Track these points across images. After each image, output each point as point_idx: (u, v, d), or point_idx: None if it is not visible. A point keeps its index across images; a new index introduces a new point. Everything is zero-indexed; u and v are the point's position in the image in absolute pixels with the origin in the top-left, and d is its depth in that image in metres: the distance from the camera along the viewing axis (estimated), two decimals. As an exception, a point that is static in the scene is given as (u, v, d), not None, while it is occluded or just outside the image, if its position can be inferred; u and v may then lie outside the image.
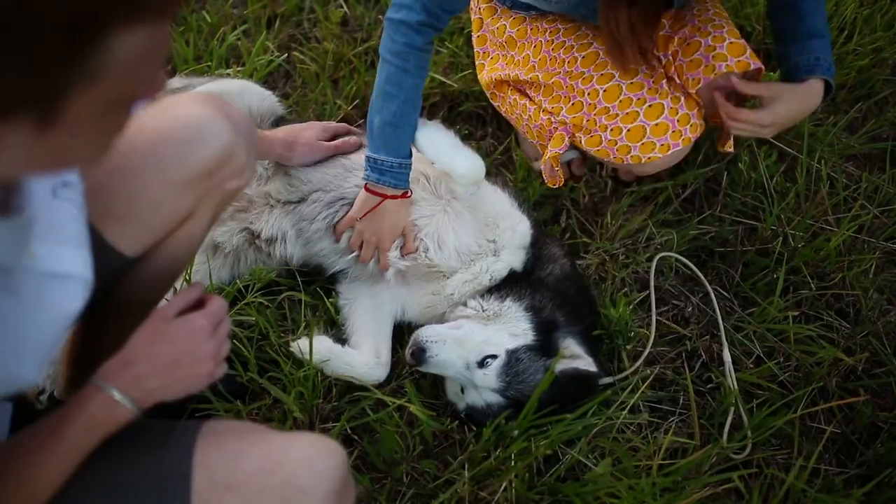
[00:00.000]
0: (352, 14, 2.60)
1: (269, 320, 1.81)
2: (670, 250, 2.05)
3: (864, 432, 1.82)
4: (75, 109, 0.66)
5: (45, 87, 0.63)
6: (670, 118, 1.79)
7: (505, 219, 1.84)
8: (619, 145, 1.82)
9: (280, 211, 1.86)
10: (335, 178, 1.85)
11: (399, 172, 1.74)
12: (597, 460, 1.66)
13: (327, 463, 1.06)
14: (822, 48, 1.76)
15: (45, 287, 0.92)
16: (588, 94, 1.82)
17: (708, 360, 1.92)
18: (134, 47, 0.66)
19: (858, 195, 2.22)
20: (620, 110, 1.79)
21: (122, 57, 0.65)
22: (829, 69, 1.75)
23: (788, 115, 1.77)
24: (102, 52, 0.63)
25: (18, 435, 1.00)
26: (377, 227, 1.78)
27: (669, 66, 1.86)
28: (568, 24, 1.88)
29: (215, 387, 1.64)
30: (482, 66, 2.08)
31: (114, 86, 0.67)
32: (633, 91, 1.78)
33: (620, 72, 1.79)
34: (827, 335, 1.95)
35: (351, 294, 1.89)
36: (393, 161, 1.73)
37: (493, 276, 1.79)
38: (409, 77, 1.72)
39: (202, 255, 1.83)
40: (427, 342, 1.63)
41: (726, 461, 1.70)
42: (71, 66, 0.62)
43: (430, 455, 1.69)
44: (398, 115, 1.73)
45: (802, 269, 2.04)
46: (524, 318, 1.72)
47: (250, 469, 1.03)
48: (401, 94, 1.72)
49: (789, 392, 1.84)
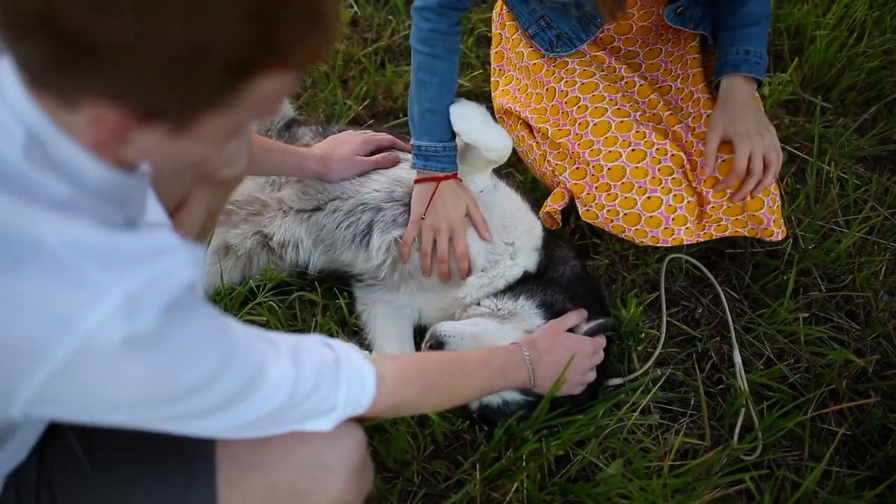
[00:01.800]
0: (362, 14, 2.60)
1: (280, 320, 1.81)
2: (680, 251, 2.05)
3: (875, 434, 1.82)
4: (206, 126, 0.79)
5: (191, 105, 0.76)
6: (666, 215, 1.78)
7: (521, 221, 1.83)
8: (614, 223, 1.82)
9: (294, 218, 1.85)
10: (352, 184, 1.83)
11: (444, 156, 1.76)
12: (608, 461, 1.66)
13: (349, 440, 1.09)
14: (756, 37, 1.75)
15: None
16: (593, 166, 1.81)
17: (718, 361, 1.92)
18: (272, 88, 0.78)
19: (869, 197, 2.22)
20: (621, 192, 1.78)
21: (260, 94, 0.77)
22: (757, 63, 1.74)
23: (729, 125, 1.73)
24: (246, 89, 0.75)
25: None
26: (444, 212, 1.76)
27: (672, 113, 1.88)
28: (585, 79, 1.87)
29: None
30: (496, 83, 2.08)
31: (245, 114, 0.80)
32: (635, 177, 1.77)
33: (628, 152, 1.78)
34: (837, 337, 1.95)
35: (368, 299, 1.89)
36: (437, 146, 1.76)
37: (508, 279, 1.79)
38: (439, 62, 1.74)
39: (213, 256, 1.83)
40: (446, 336, 1.62)
41: (737, 462, 1.70)
42: (218, 95, 0.75)
43: (441, 455, 1.69)
44: (434, 101, 1.75)
45: (812, 271, 2.04)
46: (537, 315, 1.71)
47: (273, 448, 1.05)
48: (433, 79, 1.75)
49: (800, 393, 1.84)
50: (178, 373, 0.83)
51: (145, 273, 0.79)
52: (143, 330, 0.77)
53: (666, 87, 1.95)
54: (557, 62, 1.90)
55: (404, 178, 1.84)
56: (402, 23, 2.56)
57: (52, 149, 0.77)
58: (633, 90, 1.90)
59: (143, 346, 0.78)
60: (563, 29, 1.86)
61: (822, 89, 2.45)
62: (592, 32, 1.85)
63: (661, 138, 1.79)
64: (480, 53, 2.49)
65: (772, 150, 1.72)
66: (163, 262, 0.81)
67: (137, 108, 0.74)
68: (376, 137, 1.90)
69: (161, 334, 0.79)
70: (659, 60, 1.94)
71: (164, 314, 0.79)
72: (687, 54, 1.92)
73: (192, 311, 0.84)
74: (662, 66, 1.95)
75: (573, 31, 1.86)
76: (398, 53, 2.54)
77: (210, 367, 0.86)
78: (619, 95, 1.85)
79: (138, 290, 0.77)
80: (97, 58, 0.68)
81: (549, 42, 1.89)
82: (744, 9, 1.76)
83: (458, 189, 1.78)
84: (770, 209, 1.82)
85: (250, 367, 0.92)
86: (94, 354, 0.76)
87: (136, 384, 0.80)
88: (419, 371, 1.24)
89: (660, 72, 1.95)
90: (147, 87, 0.72)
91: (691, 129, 1.86)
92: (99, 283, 0.76)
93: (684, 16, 1.83)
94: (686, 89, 1.92)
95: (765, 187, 1.76)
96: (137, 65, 0.69)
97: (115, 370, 0.78)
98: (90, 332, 0.75)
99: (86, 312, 0.75)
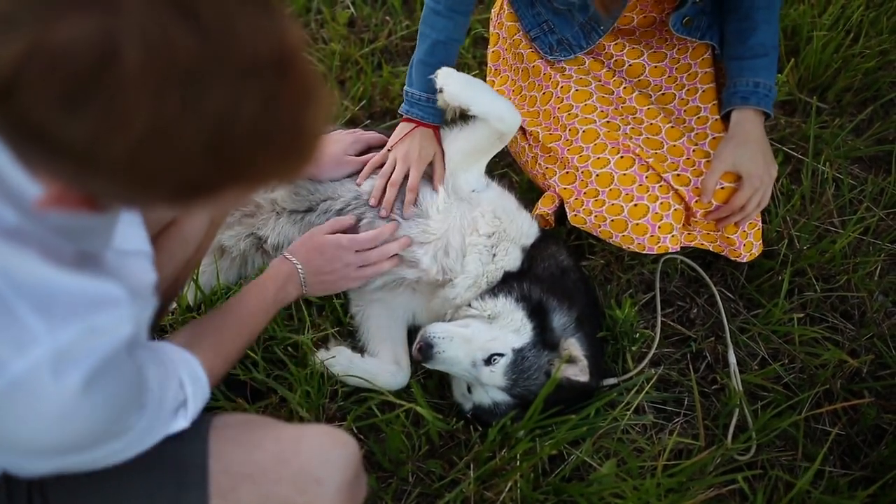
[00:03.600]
0: (359, 15, 2.61)
1: (276, 321, 1.81)
2: (675, 252, 2.05)
3: (869, 434, 1.82)
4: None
5: (142, 206, 0.84)
6: (652, 223, 1.79)
7: (513, 221, 1.84)
8: (601, 229, 1.84)
9: (287, 219, 1.86)
10: (342, 185, 1.84)
11: (426, 106, 1.83)
12: (602, 461, 1.67)
13: (341, 453, 1.08)
14: (765, 69, 1.77)
15: (126, 264, 0.97)
16: (582, 172, 1.83)
17: (713, 361, 1.92)
18: (231, 196, 0.79)
19: (864, 197, 2.22)
20: (608, 199, 1.80)
21: (217, 201, 0.78)
22: (766, 96, 1.76)
23: (739, 162, 1.76)
24: (200, 201, 0.77)
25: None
26: (410, 148, 1.81)
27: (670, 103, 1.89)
28: (581, 87, 1.88)
29: (218, 386, 1.65)
30: (491, 82, 2.09)
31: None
32: (623, 184, 1.79)
33: (616, 159, 1.80)
34: (832, 337, 1.96)
35: (362, 301, 1.89)
36: (421, 95, 1.83)
37: (490, 279, 1.78)
38: (440, 18, 1.79)
39: (209, 257, 1.83)
40: (435, 338, 1.63)
41: (731, 462, 1.71)
42: (169, 203, 0.77)
43: (435, 455, 1.70)
44: (428, 54, 1.81)
45: (807, 271, 2.04)
46: (516, 308, 1.70)
47: (265, 459, 1.05)
48: (432, 34, 1.80)
49: (794, 394, 1.84)
50: (95, 425, 0.85)
51: (80, 326, 0.78)
52: (67, 388, 0.77)
53: (669, 94, 1.94)
54: (555, 66, 1.91)
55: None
56: (400, 23, 2.56)
57: (5, 174, 0.76)
58: (631, 97, 1.89)
59: (66, 401, 0.78)
60: (564, 34, 1.87)
61: (819, 90, 2.46)
62: (594, 40, 1.85)
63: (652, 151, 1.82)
64: (478, 54, 2.49)
65: (769, 192, 1.77)
66: (101, 316, 0.81)
67: (89, 194, 0.73)
68: (366, 136, 1.92)
69: (85, 392, 0.80)
70: (664, 65, 1.94)
71: (90, 375, 0.79)
72: (697, 66, 1.92)
73: (120, 371, 0.85)
74: (667, 72, 1.94)
75: (574, 38, 1.86)
76: (395, 54, 2.55)
77: (126, 422, 0.90)
78: (611, 108, 1.86)
79: (69, 346, 0.77)
80: (51, 148, 0.67)
81: (549, 46, 1.90)
82: (752, 39, 1.76)
83: (432, 137, 1.84)
84: (744, 233, 1.85)
85: (162, 412, 0.97)
86: (14, 398, 0.76)
87: (52, 431, 0.81)
88: (207, 340, 1.26)
89: (663, 77, 1.94)
90: (98, 184, 0.71)
91: (694, 144, 1.86)
92: (30, 330, 0.75)
93: (690, 25, 1.83)
94: (691, 102, 1.92)
95: (748, 222, 1.82)
96: (90, 165, 0.68)
97: (33, 413, 0.79)
98: (14, 377, 0.75)
99: (12, 358, 0.75)
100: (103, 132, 0.65)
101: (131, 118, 0.64)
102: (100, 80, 0.62)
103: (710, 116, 1.88)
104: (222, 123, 0.68)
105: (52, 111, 0.63)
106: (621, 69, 1.94)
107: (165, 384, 1.02)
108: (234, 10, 0.67)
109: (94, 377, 0.80)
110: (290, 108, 0.73)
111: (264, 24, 0.69)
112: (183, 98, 0.65)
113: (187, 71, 0.64)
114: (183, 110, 0.65)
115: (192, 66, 0.64)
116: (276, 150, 0.74)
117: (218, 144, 0.69)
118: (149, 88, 0.63)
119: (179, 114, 0.65)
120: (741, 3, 1.77)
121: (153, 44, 0.63)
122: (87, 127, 0.64)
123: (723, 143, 1.79)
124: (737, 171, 1.76)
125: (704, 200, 1.78)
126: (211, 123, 0.67)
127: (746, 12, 1.76)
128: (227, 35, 0.66)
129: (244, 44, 0.67)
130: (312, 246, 1.64)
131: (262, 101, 0.69)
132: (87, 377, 0.79)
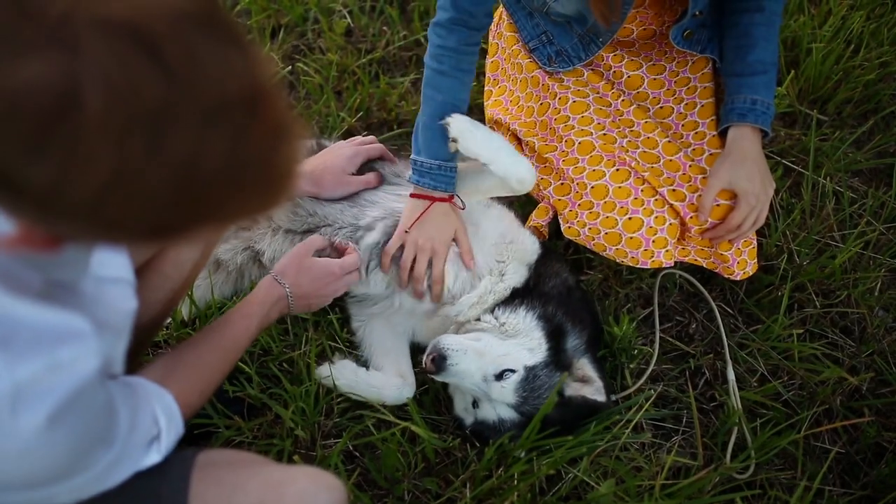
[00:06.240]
0: (356, 25, 2.59)
1: (271, 335, 1.80)
2: (674, 266, 2.04)
3: (869, 453, 1.80)
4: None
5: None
6: (646, 237, 1.77)
7: (515, 238, 1.82)
8: (595, 241, 1.82)
9: (283, 237, 1.84)
10: (341, 212, 1.81)
11: (438, 174, 1.73)
12: (600, 480, 1.65)
13: (326, 498, 1.05)
14: (763, 87, 1.75)
15: (104, 291, 0.95)
16: (577, 183, 1.81)
17: (711, 377, 1.90)
18: (203, 233, 0.76)
19: (864, 211, 2.20)
20: (603, 211, 1.78)
21: (205, 233, 0.76)
22: (764, 113, 1.74)
23: (735, 180, 1.74)
24: (195, 234, 0.75)
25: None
26: (429, 232, 1.73)
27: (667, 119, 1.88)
28: (578, 98, 1.86)
29: (214, 404, 1.64)
30: (489, 92, 2.07)
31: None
32: (618, 197, 1.77)
33: (612, 172, 1.78)
34: (832, 353, 1.94)
35: (363, 315, 1.88)
36: (431, 162, 1.72)
37: (497, 296, 1.78)
38: (445, 79, 1.71)
39: (203, 271, 1.81)
40: (448, 350, 1.60)
41: (729, 481, 1.69)
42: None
43: (431, 473, 1.68)
44: (434, 118, 1.72)
45: (807, 287, 2.03)
46: (536, 328, 1.69)
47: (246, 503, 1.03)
48: (437, 96, 1.72)
49: (794, 411, 1.83)
50: (58, 461, 0.83)
51: (41, 361, 0.76)
52: (27, 425, 0.76)
53: (667, 108, 1.93)
54: (554, 77, 1.89)
55: (399, 210, 1.80)
56: (397, 34, 2.55)
57: None
58: (629, 110, 1.88)
59: (26, 438, 0.77)
60: (563, 46, 1.85)
61: (819, 102, 2.44)
62: (593, 52, 1.84)
63: (648, 165, 1.80)
64: (477, 64, 2.47)
65: (765, 211, 1.76)
66: (64, 351, 0.79)
67: (55, 235, 0.71)
68: (365, 148, 1.88)
69: (48, 428, 0.78)
70: (663, 78, 1.92)
71: (54, 412, 0.77)
72: (697, 80, 1.91)
73: (86, 407, 0.83)
74: (666, 85, 1.93)
75: (573, 50, 1.85)
76: (392, 65, 2.53)
77: (91, 457, 0.88)
78: (608, 120, 1.85)
79: (29, 381, 0.75)
80: (11, 190, 0.64)
81: (547, 57, 1.88)
82: (751, 56, 1.75)
83: (449, 212, 1.76)
84: (738, 251, 1.84)
85: (131, 447, 0.96)
86: None
87: (11, 468, 0.80)
88: (184, 373, 1.24)
89: (662, 90, 1.93)
90: (62, 227, 0.69)
91: (690, 160, 1.85)
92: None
93: (691, 38, 1.82)
94: (690, 117, 1.90)
95: (744, 240, 1.81)
96: (52, 209, 0.65)
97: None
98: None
99: None
100: (65, 176, 0.62)
101: (94, 163, 0.61)
102: (61, 124, 0.59)
103: (708, 132, 1.87)
104: (189, 165, 0.65)
105: (11, 154, 0.61)
106: (620, 81, 1.92)
107: (137, 418, 1.00)
108: (200, 48, 0.64)
109: (59, 414, 0.78)
110: (261, 146, 0.70)
111: (232, 60, 0.66)
112: (148, 141, 0.62)
113: (152, 113, 0.62)
114: (148, 154, 0.63)
115: (156, 107, 0.62)
116: (247, 189, 0.72)
117: (186, 186, 0.66)
118: (111, 132, 0.61)
119: (144, 157, 0.63)
120: (740, 19, 1.76)
121: (115, 86, 0.60)
122: (48, 171, 0.61)
123: (719, 161, 1.77)
124: (733, 189, 1.74)
125: (702, 219, 1.77)
126: (177, 166, 0.65)
127: (745, 29, 1.75)
128: (193, 74, 0.63)
129: (212, 83, 0.64)
130: (302, 269, 1.60)
131: (230, 141, 0.67)
132: (51, 414, 0.77)
